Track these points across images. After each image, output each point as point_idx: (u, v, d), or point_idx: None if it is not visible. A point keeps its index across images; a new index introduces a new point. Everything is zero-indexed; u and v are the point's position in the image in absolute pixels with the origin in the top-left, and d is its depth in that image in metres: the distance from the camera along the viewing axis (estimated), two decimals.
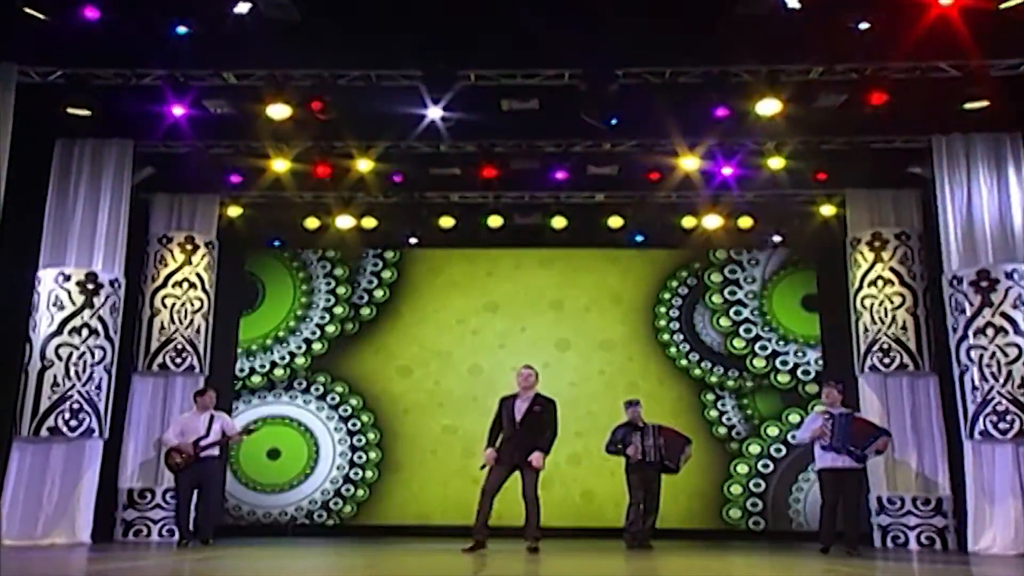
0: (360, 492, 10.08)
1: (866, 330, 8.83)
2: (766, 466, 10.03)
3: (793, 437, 9.03)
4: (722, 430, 10.12)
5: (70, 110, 7.46)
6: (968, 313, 7.72)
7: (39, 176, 8.02)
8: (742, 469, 10.03)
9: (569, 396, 10.04)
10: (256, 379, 10.36)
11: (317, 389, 10.33)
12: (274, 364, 10.41)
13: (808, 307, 10.34)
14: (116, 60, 7.30)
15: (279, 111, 7.52)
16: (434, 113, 7.76)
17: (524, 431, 6.97)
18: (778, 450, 10.01)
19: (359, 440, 10.23)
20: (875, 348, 8.71)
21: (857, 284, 8.98)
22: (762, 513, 9.90)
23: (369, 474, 10.13)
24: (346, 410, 10.30)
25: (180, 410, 8.68)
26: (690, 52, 7.24)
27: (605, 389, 10.25)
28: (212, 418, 8.00)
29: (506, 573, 5.16)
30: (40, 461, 7.69)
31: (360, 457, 10.19)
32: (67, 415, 7.71)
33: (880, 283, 8.84)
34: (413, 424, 10.21)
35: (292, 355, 10.43)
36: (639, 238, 10.26)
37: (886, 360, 8.65)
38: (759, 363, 10.24)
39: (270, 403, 10.33)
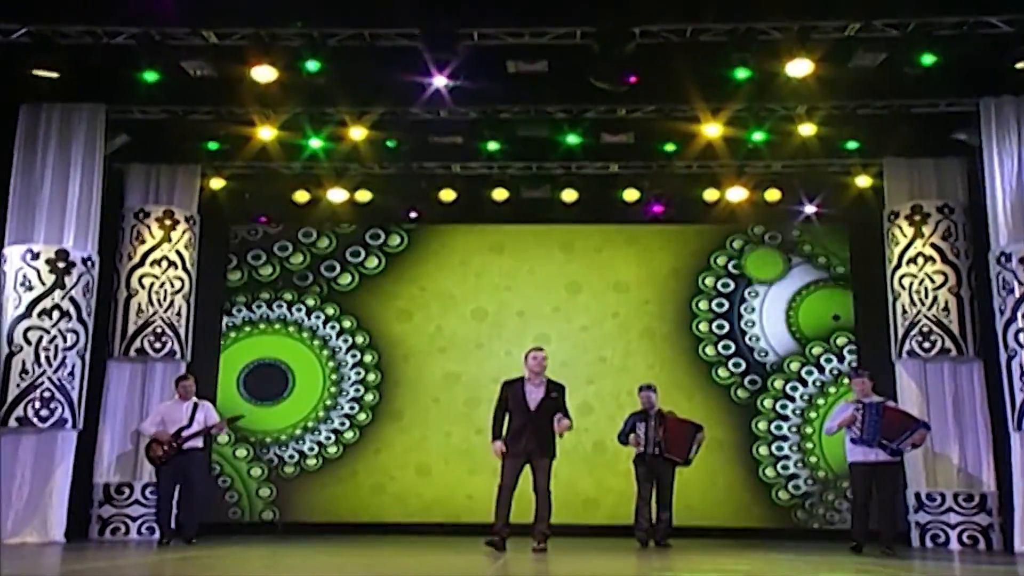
0: (349, 434, 10.07)
1: (904, 312, 8.73)
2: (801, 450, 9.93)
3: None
4: (742, 392, 10.02)
5: (36, 72, 7.34)
6: (1017, 293, 7.61)
7: (3, 145, 7.93)
8: (764, 451, 9.95)
9: (580, 341, 10.16)
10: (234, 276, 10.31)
11: (298, 307, 10.28)
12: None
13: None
14: (86, 17, 7.18)
15: (264, 73, 7.43)
16: (436, 80, 7.62)
17: (539, 420, 6.92)
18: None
19: (358, 374, 10.20)
20: (914, 331, 8.62)
21: (895, 262, 8.88)
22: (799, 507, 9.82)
23: (363, 416, 10.09)
24: (349, 344, 10.24)
25: (160, 399, 8.65)
26: (713, 8, 7.10)
27: (619, 332, 10.21)
28: (195, 407, 7.95)
29: (511, 574, 5.09)
30: (9, 454, 7.64)
31: (357, 391, 10.16)
32: (37, 404, 7.65)
33: (920, 260, 8.72)
34: (414, 370, 10.20)
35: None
36: (656, 211, 10.17)
37: (926, 344, 8.56)
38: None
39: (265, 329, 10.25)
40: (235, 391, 10.05)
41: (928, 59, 7.12)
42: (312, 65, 7.28)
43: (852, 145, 8.91)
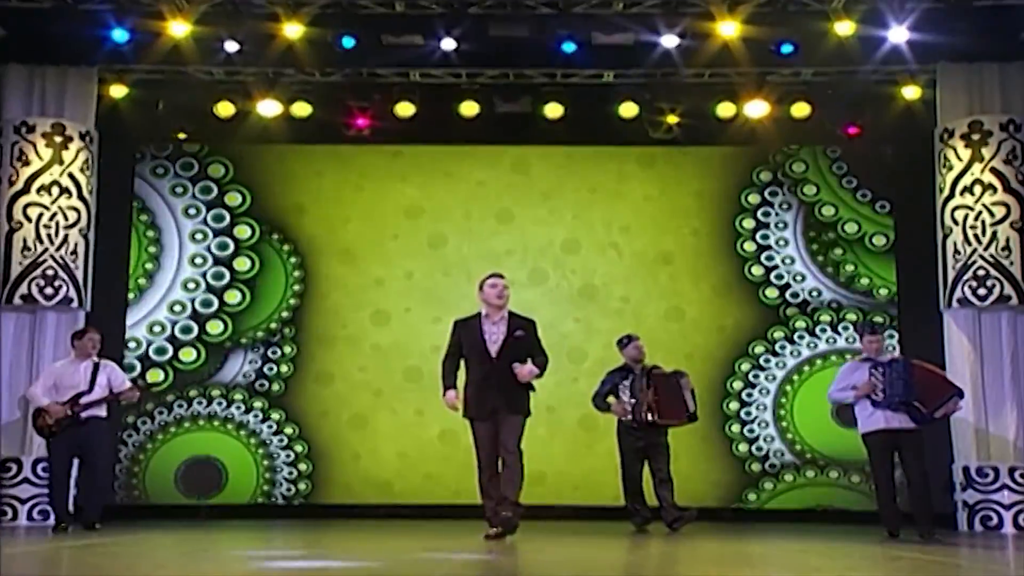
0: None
1: (957, 252, 8.70)
2: None
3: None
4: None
5: None
6: None
7: None
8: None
9: (565, 164, 10.30)
10: None
11: None
12: None
13: None
14: None
15: None
16: None
17: (503, 368, 6.62)
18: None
19: None
20: (967, 275, 8.60)
21: (947, 191, 8.81)
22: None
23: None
24: None
25: (53, 356, 8.54)
26: None
27: (611, 156, 10.34)
28: (96, 367, 7.83)
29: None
30: None
31: None
32: None
33: (978, 189, 8.65)
34: (369, 200, 10.33)
35: None
36: (659, 131, 10.06)
37: (981, 291, 8.55)
38: None
39: None
40: None
41: None
42: None
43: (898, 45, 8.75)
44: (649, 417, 7.86)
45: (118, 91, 9.46)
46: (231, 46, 8.81)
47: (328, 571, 4.94)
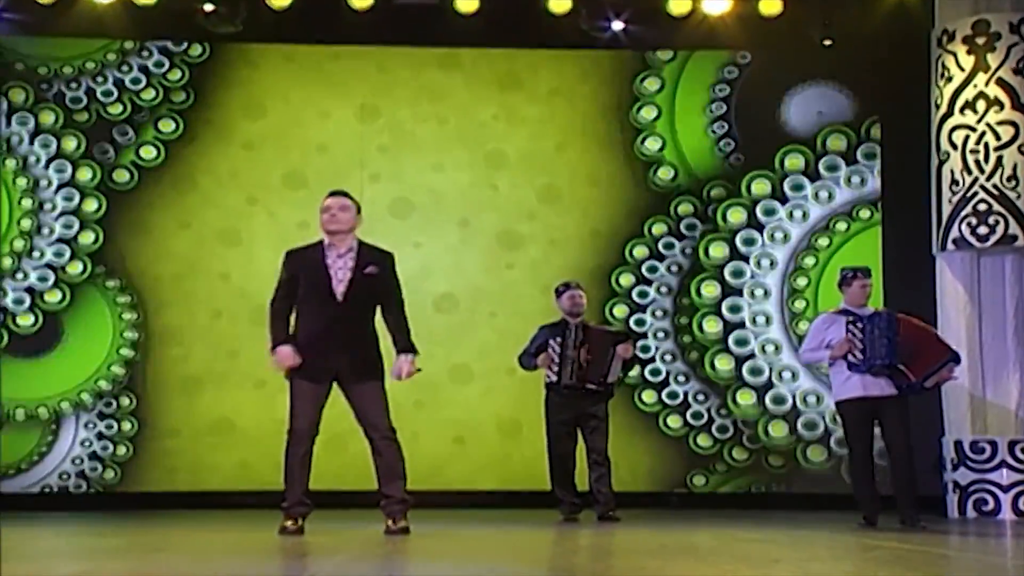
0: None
1: (954, 182, 8.70)
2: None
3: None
4: None
5: None
6: None
7: None
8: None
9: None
10: None
11: None
12: None
13: None
14: None
15: None
16: None
17: (352, 315, 6.23)
18: None
19: None
20: (966, 210, 8.61)
21: (945, 107, 8.80)
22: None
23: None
24: None
25: None
26: None
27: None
28: None
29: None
30: None
31: None
32: None
33: (981, 105, 8.64)
34: None
35: None
36: (599, 31, 10.02)
37: (982, 229, 8.56)
38: None
39: None
40: None
41: None
42: None
43: None
44: (573, 379, 7.78)
45: None
46: None
47: None
